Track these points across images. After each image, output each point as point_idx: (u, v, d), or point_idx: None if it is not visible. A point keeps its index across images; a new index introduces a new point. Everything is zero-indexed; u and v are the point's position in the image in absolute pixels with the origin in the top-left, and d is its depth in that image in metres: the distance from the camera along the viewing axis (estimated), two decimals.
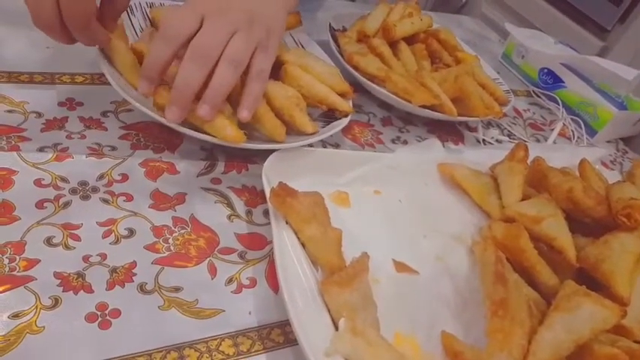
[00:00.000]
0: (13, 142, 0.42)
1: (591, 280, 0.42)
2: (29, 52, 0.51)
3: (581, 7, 0.99)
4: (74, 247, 0.37)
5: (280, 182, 0.41)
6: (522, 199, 0.50)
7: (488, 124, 0.69)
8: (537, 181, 0.53)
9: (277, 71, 0.53)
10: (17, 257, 0.35)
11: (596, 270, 0.42)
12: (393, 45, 0.67)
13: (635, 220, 0.43)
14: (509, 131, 0.70)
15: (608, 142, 0.78)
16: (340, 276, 0.36)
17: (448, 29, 0.75)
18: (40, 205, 0.38)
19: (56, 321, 0.32)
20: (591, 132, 0.76)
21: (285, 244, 0.39)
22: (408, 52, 0.67)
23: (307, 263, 0.39)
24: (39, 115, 0.45)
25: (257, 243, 0.42)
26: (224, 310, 0.36)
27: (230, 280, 0.38)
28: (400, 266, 0.44)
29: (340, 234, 0.42)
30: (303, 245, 0.40)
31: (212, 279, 0.38)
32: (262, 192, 0.44)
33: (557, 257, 0.44)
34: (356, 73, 0.61)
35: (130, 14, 0.53)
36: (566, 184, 0.47)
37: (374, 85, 0.60)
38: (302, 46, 0.62)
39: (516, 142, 0.68)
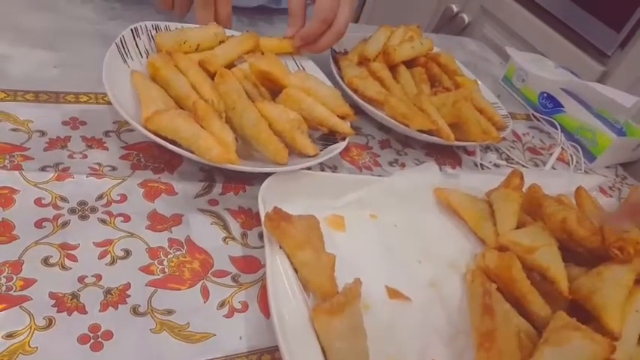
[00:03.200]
0: (16, 161, 0.43)
1: (584, 311, 0.42)
2: (36, 71, 0.52)
3: (582, 31, 1.00)
4: (70, 268, 0.37)
5: (275, 207, 0.41)
6: (517, 227, 0.50)
7: (486, 148, 0.70)
8: (533, 208, 0.53)
9: (279, 94, 0.54)
10: (14, 277, 0.36)
11: (588, 302, 0.42)
12: (393, 68, 0.68)
13: (627, 253, 0.43)
14: (507, 155, 0.71)
15: (607, 167, 0.78)
16: (331, 304, 0.37)
17: (448, 53, 0.75)
18: (39, 224, 0.39)
19: (49, 342, 0.33)
20: (590, 157, 0.76)
21: (277, 268, 0.40)
22: (407, 75, 0.67)
23: (299, 288, 0.40)
24: (42, 133, 0.46)
25: (251, 266, 0.42)
26: (215, 334, 0.37)
27: (222, 304, 0.39)
28: (393, 293, 0.44)
29: (334, 259, 0.42)
30: (295, 270, 0.41)
31: (204, 302, 0.39)
32: (258, 214, 0.44)
33: (549, 287, 0.44)
34: (355, 96, 0.61)
35: (135, 36, 0.54)
36: (560, 214, 0.48)
37: (373, 109, 0.61)
38: (302, 68, 0.63)
39: (514, 166, 0.69)
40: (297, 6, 0.60)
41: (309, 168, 0.50)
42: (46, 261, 0.37)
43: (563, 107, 0.80)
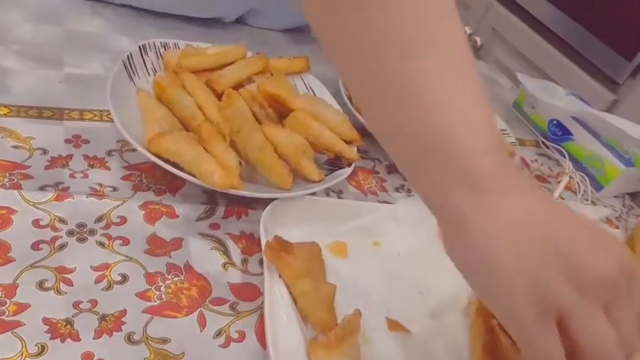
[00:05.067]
0: (16, 180, 0.42)
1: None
2: (41, 87, 0.52)
3: (593, 59, 0.99)
4: (65, 292, 0.37)
5: (276, 236, 0.41)
6: None
7: None
8: None
9: (286, 117, 0.53)
10: (8, 301, 0.35)
11: None
12: None
13: None
14: None
15: (615, 197, 0.77)
16: (328, 338, 0.36)
17: None
18: (35, 246, 0.39)
19: None
20: (598, 186, 0.75)
21: (276, 298, 0.39)
22: None
23: (297, 319, 0.39)
24: (44, 151, 0.46)
25: (250, 294, 0.42)
26: None
27: (219, 333, 0.38)
28: (393, 324, 0.43)
29: (334, 290, 0.41)
30: (294, 300, 0.40)
31: (201, 331, 0.38)
32: (260, 239, 0.43)
33: None
34: (363, 120, 0.61)
35: (143, 53, 0.54)
36: None
37: None
38: (312, 90, 0.62)
39: None
40: None
41: (313, 193, 0.50)
42: (41, 285, 0.36)
43: (572, 135, 0.79)
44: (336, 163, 0.54)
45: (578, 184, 0.74)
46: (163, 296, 0.39)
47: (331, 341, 0.36)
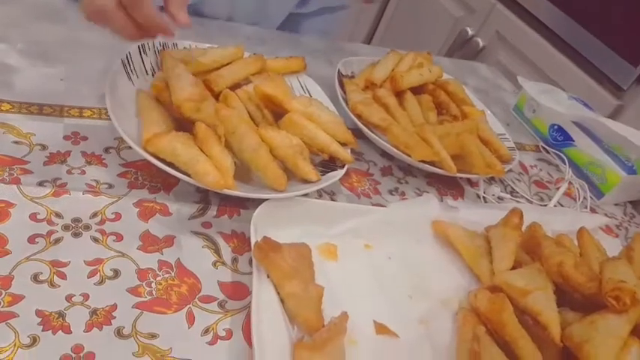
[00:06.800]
0: (15, 174, 0.43)
1: (576, 358, 0.41)
2: (42, 84, 0.53)
3: (598, 64, 0.98)
4: (59, 285, 0.38)
5: (265, 236, 0.41)
6: (515, 266, 0.49)
7: (491, 180, 0.69)
8: (532, 247, 0.52)
9: (282, 117, 0.54)
10: (3, 292, 0.36)
11: (579, 350, 0.41)
12: (399, 94, 0.67)
13: (623, 303, 0.42)
14: (512, 188, 0.70)
15: (616, 205, 0.77)
16: (313, 340, 0.37)
17: (457, 81, 0.75)
18: (32, 240, 0.40)
19: None
20: (599, 194, 0.75)
21: (263, 298, 0.40)
22: (414, 102, 0.67)
23: (284, 320, 0.39)
24: (43, 147, 0.47)
25: (239, 292, 0.42)
26: None
27: (206, 330, 0.39)
28: (380, 328, 0.43)
29: (322, 291, 0.42)
30: (282, 301, 0.40)
31: (189, 327, 0.39)
32: (250, 239, 0.44)
33: (541, 333, 0.43)
34: (358, 122, 0.61)
35: (142, 53, 0.55)
36: (558, 257, 0.47)
37: (375, 136, 0.61)
38: (307, 90, 0.63)
39: (518, 200, 0.68)
40: None
41: (306, 194, 0.50)
42: (35, 277, 0.37)
43: (573, 141, 0.79)
44: (329, 164, 0.54)
45: (577, 190, 0.74)
46: (154, 292, 0.40)
47: (316, 343, 0.37)
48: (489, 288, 0.46)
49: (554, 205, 0.69)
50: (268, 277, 0.41)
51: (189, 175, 0.44)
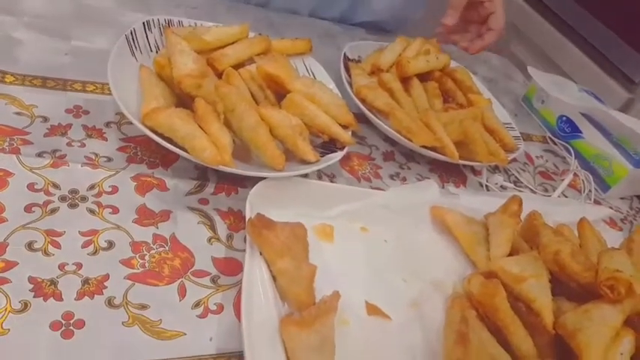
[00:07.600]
0: (15, 145, 0.44)
1: (567, 347, 0.41)
2: (47, 57, 0.53)
3: (610, 56, 0.97)
4: (53, 254, 0.38)
5: (258, 213, 0.41)
6: (512, 253, 0.49)
7: (494, 168, 0.68)
8: (531, 235, 0.52)
9: (282, 99, 0.54)
10: None
11: (572, 339, 0.41)
12: (406, 81, 0.67)
13: (618, 292, 0.41)
14: (516, 177, 0.69)
15: (622, 198, 0.76)
16: (302, 316, 0.37)
17: (465, 69, 0.74)
18: (28, 208, 0.40)
19: (22, 325, 0.34)
20: (604, 187, 0.74)
21: (255, 274, 0.40)
22: (420, 89, 0.67)
23: (274, 297, 0.39)
24: (45, 119, 0.47)
25: (232, 268, 0.43)
26: (185, 334, 0.37)
27: (197, 304, 0.39)
28: (372, 309, 0.43)
29: (314, 270, 0.42)
30: (274, 278, 0.41)
31: (180, 300, 0.39)
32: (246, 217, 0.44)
33: (534, 320, 0.43)
34: (362, 106, 0.61)
35: (146, 30, 0.55)
36: (555, 246, 0.46)
37: (378, 120, 0.60)
38: (312, 73, 0.63)
39: (521, 189, 0.67)
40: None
41: (305, 175, 0.50)
42: (30, 246, 0.38)
43: (581, 132, 0.78)
44: (329, 146, 0.54)
45: (583, 182, 0.73)
46: (147, 264, 0.40)
47: (304, 319, 0.37)
48: (484, 273, 0.46)
49: (558, 196, 0.68)
50: (261, 254, 0.41)
51: (187, 151, 0.45)
